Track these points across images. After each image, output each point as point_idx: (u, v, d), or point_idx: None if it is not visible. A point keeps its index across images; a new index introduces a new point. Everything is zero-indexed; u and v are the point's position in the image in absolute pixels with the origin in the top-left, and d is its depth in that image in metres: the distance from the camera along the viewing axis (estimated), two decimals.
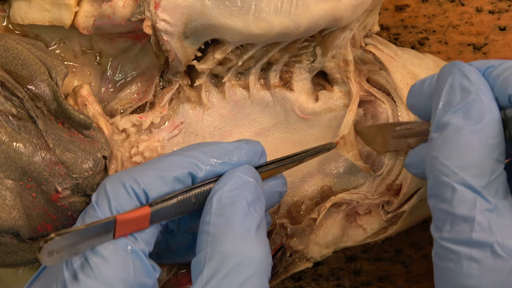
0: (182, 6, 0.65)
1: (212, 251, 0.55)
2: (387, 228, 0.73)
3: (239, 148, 0.61)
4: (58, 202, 0.64)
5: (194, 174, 0.58)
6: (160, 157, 0.59)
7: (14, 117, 0.63)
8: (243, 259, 0.55)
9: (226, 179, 0.59)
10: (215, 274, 0.54)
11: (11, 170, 0.62)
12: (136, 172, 0.57)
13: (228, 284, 0.54)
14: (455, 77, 0.59)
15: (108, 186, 0.56)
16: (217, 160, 0.59)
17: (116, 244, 0.55)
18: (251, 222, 0.57)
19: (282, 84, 0.73)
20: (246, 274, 0.54)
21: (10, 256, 0.64)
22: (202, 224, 0.57)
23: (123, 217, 0.54)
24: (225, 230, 0.56)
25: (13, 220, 0.61)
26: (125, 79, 0.72)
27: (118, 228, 0.54)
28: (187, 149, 0.60)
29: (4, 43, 0.65)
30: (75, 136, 0.65)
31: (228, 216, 0.56)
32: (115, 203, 0.55)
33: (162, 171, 0.57)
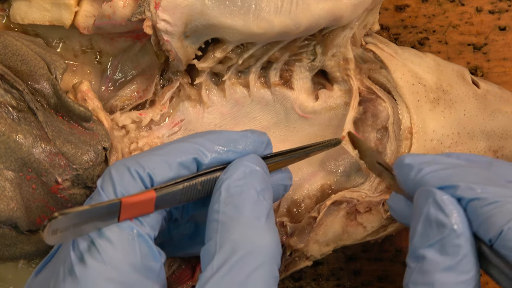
0: (182, 6, 0.65)
1: (222, 239, 0.55)
2: (387, 226, 0.73)
3: (245, 137, 0.61)
4: (58, 194, 0.64)
5: (199, 160, 0.58)
6: (165, 144, 0.59)
7: (14, 109, 0.63)
8: (254, 247, 0.55)
9: (233, 168, 0.59)
10: (225, 262, 0.54)
11: (11, 161, 0.62)
12: (141, 157, 0.57)
13: (238, 272, 0.54)
14: (431, 210, 0.60)
15: (113, 171, 0.56)
16: (222, 148, 0.59)
17: (122, 227, 0.55)
18: (261, 211, 0.57)
19: (282, 83, 0.73)
20: (257, 262, 0.54)
21: (9, 249, 0.64)
22: (210, 212, 0.57)
23: (128, 199, 0.54)
24: (234, 218, 0.56)
25: (11, 211, 0.61)
26: (125, 78, 0.72)
27: (123, 211, 0.54)
28: (192, 136, 0.60)
29: (3, 40, 0.65)
30: (75, 128, 0.65)
31: (237, 205, 0.56)
32: (120, 187, 0.55)
33: (167, 156, 0.57)
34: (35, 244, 0.64)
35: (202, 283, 0.54)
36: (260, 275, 0.54)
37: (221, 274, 0.54)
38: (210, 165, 0.59)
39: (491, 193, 0.58)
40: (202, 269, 0.55)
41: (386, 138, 0.74)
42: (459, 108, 0.74)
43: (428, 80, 0.74)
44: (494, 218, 0.57)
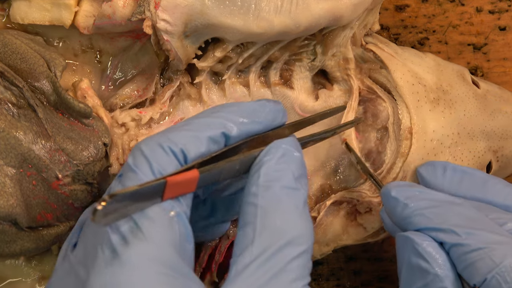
0: (182, 6, 0.65)
1: (262, 225, 0.54)
2: None
3: (263, 106, 0.60)
4: (58, 190, 0.64)
5: (227, 134, 0.57)
6: (189, 120, 0.58)
7: (14, 106, 0.63)
8: (295, 236, 0.54)
9: (273, 150, 0.58)
10: (266, 249, 0.53)
11: (11, 157, 0.62)
12: (170, 133, 0.56)
13: (279, 259, 0.53)
14: (412, 257, 0.61)
15: (144, 148, 0.55)
16: (245, 119, 0.59)
17: (163, 207, 0.53)
18: (299, 198, 0.57)
19: (282, 82, 0.73)
20: (297, 251, 0.54)
21: (10, 245, 0.64)
22: (247, 195, 0.56)
23: (174, 179, 0.53)
24: (273, 204, 0.55)
25: (10, 207, 0.61)
26: (125, 77, 0.72)
27: (167, 191, 0.53)
28: (213, 110, 0.59)
29: (3, 38, 0.65)
30: (75, 125, 0.66)
31: (276, 191, 0.56)
32: (156, 164, 0.54)
33: (196, 132, 0.56)
34: (35, 241, 0.64)
35: (240, 268, 0.53)
36: (298, 264, 0.54)
37: (261, 261, 0.53)
38: (237, 138, 0.58)
39: (474, 240, 0.59)
40: (237, 253, 0.54)
41: (386, 138, 0.74)
42: (459, 108, 0.74)
43: (428, 80, 0.74)
44: (477, 265, 0.58)
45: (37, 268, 0.70)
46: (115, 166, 0.68)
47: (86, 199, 0.66)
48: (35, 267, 0.69)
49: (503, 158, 0.77)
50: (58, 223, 0.66)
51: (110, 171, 0.67)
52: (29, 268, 0.69)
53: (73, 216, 0.66)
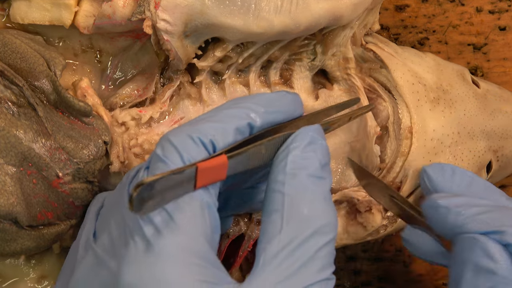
0: (182, 5, 0.65)
1: (289, 213, 0.54)
2: (387, 226, 0.73)
3: (284, 97, 0.60)
4: (59, 188, 0.64)
5: (252, 125, 0.57)
6: (214, 110, 0.58)
7: (14, 104, 0.63)
8: (322, 225, 0.54)
9: (300, 137, 0.58)
10: (294, 237, 0.53)
11: (11, 156, 0.62)
12: (198, 125, 0.56)
13: (307, 248, 0.53)
14: (479, 258, 0.60)
15: (172, 139, 0.54)
16: (268, 109, 0.58)
17: (194, 198, 0.53)
18: (325, 187, 0.57)
19: (283, 82, 0.73)
20: (325, 240, 0.54)
21: (10, 244, 0.64)
22: (274, 182, 0.56)
23: (203, 164, 0.52)
24: (301, 193, 0.55)
25: (11, 206, 0.61)
26: (125, 77, 0.72)
27: (199, 178, 0.52)
28: (235, 101, 0.59)
29: (2, 38, 0.65)
30: (75, 123, 0.66)
31: (303, 179, 0.56)
32: (186, 155, 0.54)
33: (223, 123, 0.56)
34: (35, 240, 0.64)
35: (268, 256, 0.53)
36: (325, 252, 0.54)
37: (290, 250, 0.53)
38: (260, 128, 0.58)
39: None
40: (264, 240, 0.54)
41: (386, 138, 0.74)
42: (459, 108, 0.74)
43: (428, 79, 0.74)
44: None
45: (37, 267, 0.70)
46: (116, 164, 0.68)
47: (86, 198, 0.66)
48: (34, 266, 0.69)
49: (503, 157, 0.77)
50: (58, 221, 0.66)
51: (111, 169, 0.67)
52: (29, 267, 0.69)
53: (74, 215, 0.66)
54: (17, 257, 0.68)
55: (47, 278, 0.70)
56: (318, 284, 0.53)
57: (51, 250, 0.69)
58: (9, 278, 0.69)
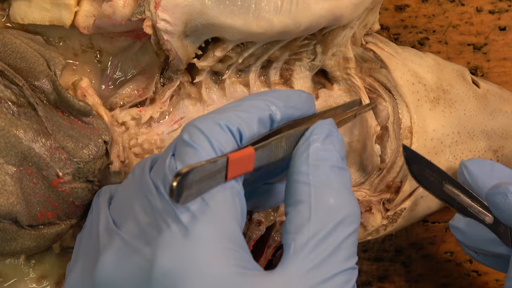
0: (182, 5, 0.65)
1: (317, 203, 0.55)
2: (387, 225, 0.73)
3: (300, 95, 0.61)
4: (59, 188, 0.64)
5: (273, 117, 0.58)
6: (236, 102, 0.59)
7: (14, 104, 0.63)
8: (348, 214, 0.56)
9: (318, 131, 0.59)
10: (323, 227, 0.55)
11: (11, 156, 0.62)
12: (224, 113, 0.56)
13: (335, 238, 0.55)
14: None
15: (200, 126, 0.55)
16: (287, 104, 0.60)
17: (226, 185, 0.54)
18: (346, 178, 0.58)
19: (283, 82, 0.73)
20: (350, 230, 0.56)
21: (10, 244, 0.63)
22: (297, 173, 0.57)
23: (234, 155, 0.53)
24: (326, 183, 0.56)
25: (11, 206, 0.61)
26: (125, 77, 0.72)
27: (230, 169, 0.53)
28: (256, 95, 0.60)
29: (2, 38, 0.65)
30: (75, 123, 0.66)
31: (326, 170, 0.57)
32: (215, 141, 0.54)
33: (248, 113, 0.57)
34: (35, 240, 0.64)
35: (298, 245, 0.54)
36: (351, 242, 0.56)
37: (319, 239, 0.54)
38: (280, 122, 0.59)
39: None
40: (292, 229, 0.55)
41: (386, 138, 0.74)
42: (459, 108, 0.74)
43: (428, 79, 0.74)
44: None
45: (37, 267, 0.70)
46: (116, 163, 0.68)
47: (87, 197, 0.66)
48: (34, 266, 0.69)
49: (503, 157, 0.77)
50: (59, 221, 0.66)
51: (111, 168, 0.67)
52: (29, 267, 0.69)
53: (74, 214, 0.66)
54: (17, 256, 0.68)
55: (47, 278, 0.70)
56: (344, 272, 0.55)
57: (51, 250, 0.69)
58: (10, 278, 0.69)
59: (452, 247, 0.83)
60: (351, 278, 0.55)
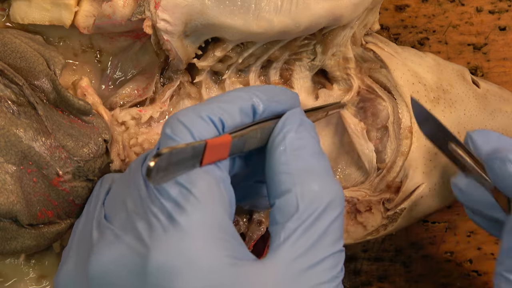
0: (182, 5, 0.65)
1: (302, 191, 0.56)
2: (387, 225, 0.73)
3: (285, 91, 0.62)
4: (59, 187, 0.64)
5: (255, 108, 0.59)
6: (221, 94, 0.60)
7: (14, 103, 0.63)
8: (333, 198, 0.57)
9: (290, 120, 0.60)
10: (312, 212, 0.55)
11: (11, 155, 0.62)
12: (206, 105, 0.57)
13: (322, 223, 0.56)
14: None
15: (182, 118, 0.56)
16: (271, 98, 0.60)
17: (208, 172, 0.55)
18: (326, 162, 0.59)
19: (282, 82, 0.73)
20: (337, 212, 0.57)
21: (10, 243, 0.64)
22: (278, 165, 0.58)
23: (212, 141, 0.54)
24: (307, 170, 0.57)
25: (11, 205, 0.61)
26: (125, 77, 0.72)
27: (207, 154, 0.54)
28: (240, 88, 0.61)
29: (2, 37, 0.65)
30: (75, 122, 0.66)
31: (305, 157, 0.58)
32: (197, 133, 0.55)
33: (230, 103, 0.58)
34: (36, 238, 0.64)
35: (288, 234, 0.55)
36: (337, 225, 0.57)
37: (307, 225, 0.55)
38: (262, 115, 0.60)
39: None
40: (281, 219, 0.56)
41: (386, 137, 0.74)
42: (459, 108, 0.74)
43: (428, 79, 0.74)
44: None
45: (37, 267, 0.70)
46: (117, 162, 0.68)
47: (87, 196, 0.66)
48: (34, 265, 0.69)
49: None
50: (59, 220, 0.66)
51: (112, 167, 0.68)
52: (29, 266, 0.69)
53: (74, 213, 0.66)
54: (17, 256, 0.68)
55: (47, 277, 0.70)
56: (333, 256, 0.56)
57: (51, 249, 0.69)
58: (10, 278, 0.69)
59: (452, 247, 0.83)
60: (339, 261, 0.57)
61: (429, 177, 0.73)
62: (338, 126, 0.74)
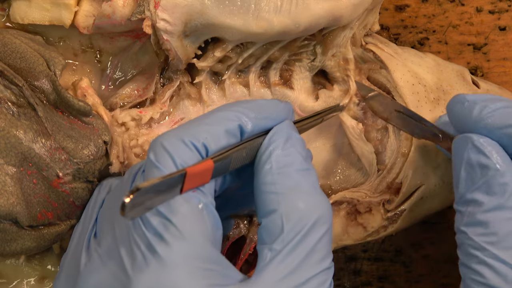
0: (181, 5, 0.65)
1: (287, 210, 0.56)
2: (387, 226, 0.73)
3: (276, 105, 0.61)
4: (59, 188, 0.64)
5: (242, 128, 0.58)
6: (205, 114, 0.59)
7: (14, 105, 0.63)
8: (320, 215, 0.56)
9: (276, 136, 0.59)
10: (296, 233, 0.55)
11: (11, 156, 0.62)
12: (190, 128, 0.57)
13: (308, 241, 0.55)
14: (471, 155, 0.61)
15: (165, 143, 0.56)
16: (259, 115, 0.60)
17: (189, 200, 0.55)
18: (313, 178, 0.58)
19: (282, 82, 0.73)
20: (323, 229, 0.56)
21: (10, 244, 0.64)
22: (263, 184, 0.57)
23: (192, 170, 0.53)
24: (293, 188, 0.57)
25: (11, 206, 0.61)
26: (125, 77, 0.72)
27: (187, 182, 0.53)
28: (228, 105, 0.60)
29: (2, 38, 0.65)
30: (75, 123, 0.66)
31: (291, 175, 0.57)
32: (179, 160, 0.55)
33: (215, 125, 0.57)
34: (36, 240, 0.64)
35: (273, 254, 0.55)
36: (326, 240, 0.56)
37: (293, 245, 0.55)
38: (251, 133, 0.59)
39: None
40: (267, 240, 0.56)
41: (386, 138, 0.74)
42: None
43: (428, 80, 0.74)
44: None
45: (38, 268, 0.70)
46: (116, 164, 0.68)
47: (87, 197, 0.66)
48: (35, 266, 0.69)
49: None
50: (59, 221, 0.66)
51: (111, 169, 0.68)
52: (29, 268, 0.69)
53: (74, 215, 0.66)
54: (18, 257, 0.68)
55: (48, 278, 0.70)
56: (320, 274, 0.55)
57: (52, 251, 0.69)
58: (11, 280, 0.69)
59: (452, 248, 0.83)
60: (327, 278, 0.56)
61: (429, 178, 0.73)
62: (339, 128, 0.74)
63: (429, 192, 0.73)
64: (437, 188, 0.73)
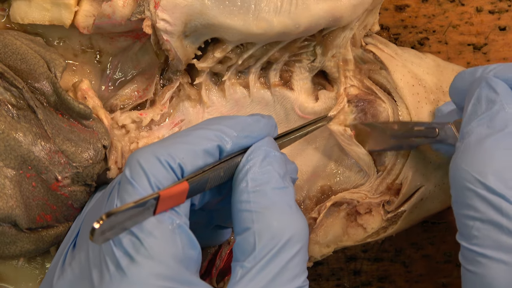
0: (181, 5, 0.65)
1: (260, 228, 0.56)
2: (387, 227, 0.73)
3: (258, 122, 0.61)
4: (58, 191, 0.64)
5: (221, 147, 0.58)
6: (186, 131, 0.59)
7: (14, 107, 0.63)
8: (293, 234, 0.56)
9: (254, 155, 0.59)
10: (269, 251, 0.55)
11: (11, 159, 0.62)
12: (168, 146, 0.57)
13: (280, 260, 0.55)
14: (482, 90, 0.61)
15: (142, 161, 0.56)
16: (240, 133, 0.59)
17: (161, 220, 0.55)
18: (289, 196, 0.58)
19: (282, 83, 0.73)
20: (296, 248, 0.56)
21: (9, 247, 0.64)
22: (239, 203, 0.57)
23: (166, 193, 0.54)
24: (268, 207, 0.57)
25: (10, 209, 0.61)
26: (125, 78, 0.72)
27: (160, 204, 0.54)
28: (209, 122, 0.60)
29: (3, 39, 0.65)
30: (75, 126, 0.66)
31: (266, 193, 0.57)
32: (154, 179, 0.55)
33: (193, 145, 0.57)
34: (35, 242, 0.64)
35: (244, 272, 0.55)
36: (297, 261, 0.56)
37: (264, 263, 0.55)
38: (231, 151, 0.59)
39: None
40: (240, 257, 0.56)
41: None
42: None
43: (428, 81, 0.74)
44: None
45: (38, 270, 0.70)
46: (114, 170, 0.68)
47: (85, 200, 0.66)
48: (35, 268, 0.69)
49: None
50: (57, 224, 0.66)
51: (108, 175, 0.67)
52: (29, 269, 0.69)
53: (73, 217, 0.66)
54: (17, 259, 0.68)
55: None
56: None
57: (50, 253, 0.69)
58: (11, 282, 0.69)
59: (452, 248, 0.83)
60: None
61: (429, 179, 0.73)
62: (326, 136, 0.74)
63: (429, 194, 0.73)
64: (437, 190, 0.73)
